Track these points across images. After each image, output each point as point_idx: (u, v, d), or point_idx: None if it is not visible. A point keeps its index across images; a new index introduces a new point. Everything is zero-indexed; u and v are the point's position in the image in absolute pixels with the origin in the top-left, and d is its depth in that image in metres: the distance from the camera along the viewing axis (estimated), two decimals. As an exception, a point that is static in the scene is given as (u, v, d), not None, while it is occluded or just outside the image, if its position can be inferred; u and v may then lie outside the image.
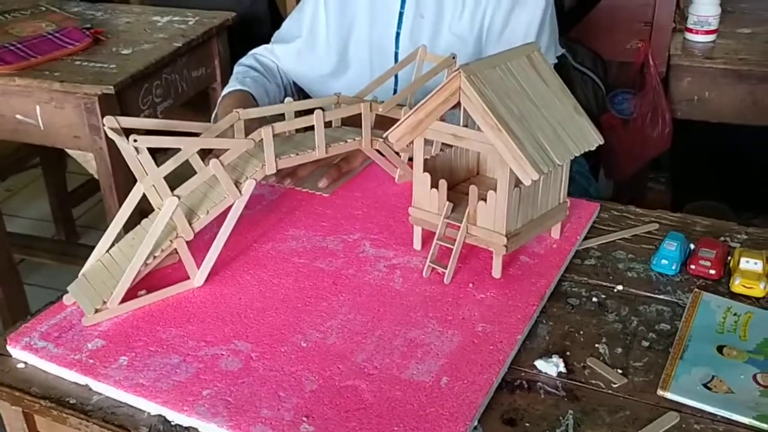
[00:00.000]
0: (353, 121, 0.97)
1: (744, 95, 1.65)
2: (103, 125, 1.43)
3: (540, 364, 0.76)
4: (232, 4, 2.18)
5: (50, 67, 1.57)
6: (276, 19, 2.34)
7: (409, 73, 1.07)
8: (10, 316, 1.78)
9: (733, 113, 1.66)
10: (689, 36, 1.71)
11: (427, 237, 0.90)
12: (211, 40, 1.83)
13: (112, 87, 1.49)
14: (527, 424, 0.69)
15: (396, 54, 1.27)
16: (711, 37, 1.70)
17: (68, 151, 1.68)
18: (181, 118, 2.11)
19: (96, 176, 1.62)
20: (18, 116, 1.58)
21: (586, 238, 0.96)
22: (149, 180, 0.82)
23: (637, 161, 1.61)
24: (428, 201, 0.88)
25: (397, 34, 1.25)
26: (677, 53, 1.67)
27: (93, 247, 2.38)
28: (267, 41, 2.34)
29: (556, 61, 1.31)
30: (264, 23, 2.28)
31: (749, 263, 0.86)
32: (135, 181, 1.62)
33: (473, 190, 0.83)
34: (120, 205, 1.63)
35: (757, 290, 0.85)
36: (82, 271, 0.85)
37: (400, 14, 1.24)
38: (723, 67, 1.63)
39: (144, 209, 0.88)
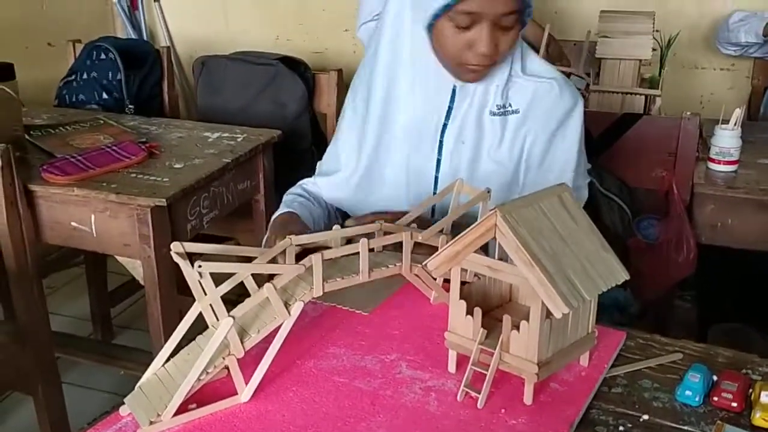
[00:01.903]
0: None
1: (765, 223, 1.71)
2: (154, 236, 1.53)
3: (569, 492, 0.79)
4: (277, 120, 2.33)
5: (107, 178, 1.69)
6: (317, 133, 2.48)
7: (446, 199, 1.15)
8: (48, 414, 1.83)
9: (755, 239, 1.71)
10: (712, 166, 1.79)
11: (462, 360, 0.95)
12: (257, 156, 1.95)
13: (164, 200, 1.59)
14: None
15: (436, 178, 1.34)
16: (732, 167, 1.78)
17: (116, 256, 1.78)
18: (224, 227, 2.21)
19: (142, 282, 1.70)
20: (73, 223, 1.68)
21: (613, 366, 1.01)
22: (207, 300, 0.89)
23: (663, 284, 1.66)
24: (463, 327, 0.94)
25: (438, 161, 1.33)
26: (701, 182, 1.75)
27: (128, 348, 2.45)
28: (307, 153, 2.48)
29: (589, 178, 1.39)
30: (305, 138, 2.42)
31: (770, 398, 0.90)
32: (178, 289, 1.71)
33: (507, 319, 0.89)
34: (162, 310, 1.73)
35: (779, 425, 0.88)
36: (138, 384, 0.91)
37: (440, 142, 1.32)
38: (744, 196, 1.70)
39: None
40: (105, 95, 2.36)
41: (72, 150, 1.82)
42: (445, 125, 1.30)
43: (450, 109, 1.30)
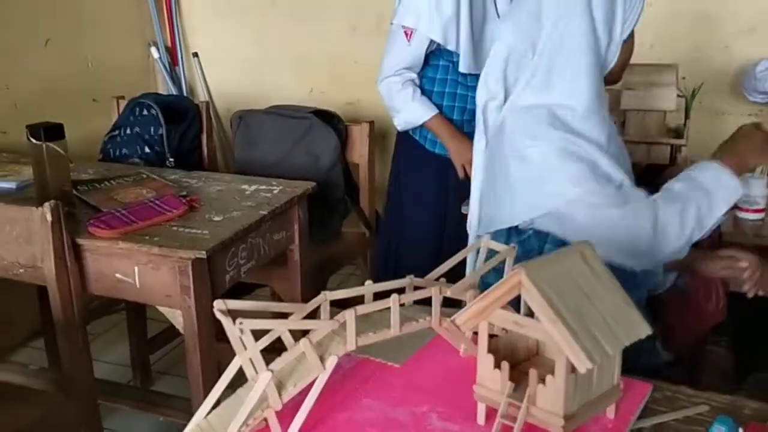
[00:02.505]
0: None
1: (795, 271, 1.71)
2: (194, 287, 1.59)
3: None
4: (311, 171, 2.40)
5: (150, 231, 1.76)
6: (349, 183, 2.55)
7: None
8: (89, 460, 1.88)
9: (786, 288, 1.71)
10: (739, 214, 1.81)
11: (491, 412, 0.99)
12: (292, 207, 2.01)
13: (204, 252, 1.66)
14: None
15: None
16: (760, 215, 1.80)
17: (158, 307, 1.84)
18: (260, 275, 2.27)
19: (182, 331, 1.76)
20: (118, 275, 1.76)
21: (639, 418, 1.03)
22: (247, 354, 0.94)
23: (694, 333, 1.67)
24: (492, 380, 0.97)
25: None
26: (728, 230, 1.76)
27: (166, 395, 2.49)
28: (340, 204, 2.54)
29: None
30: (338, 188, 2.49)
31: (796, 451, 0.91)
32: (216, 338, 1.76)
33: (533, 373, 0.92)
34: (201, 358, 1.78)
35: (805, 479, 0.89)
36: (183, 435, 0.96)
37: None
38: (773, 244, 1.71)
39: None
40: (147, 149, 2.46)
41: (116, 204, 1.90)
42: None
43: None
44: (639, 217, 1.37)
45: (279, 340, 1.00)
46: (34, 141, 1.83)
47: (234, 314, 0.94)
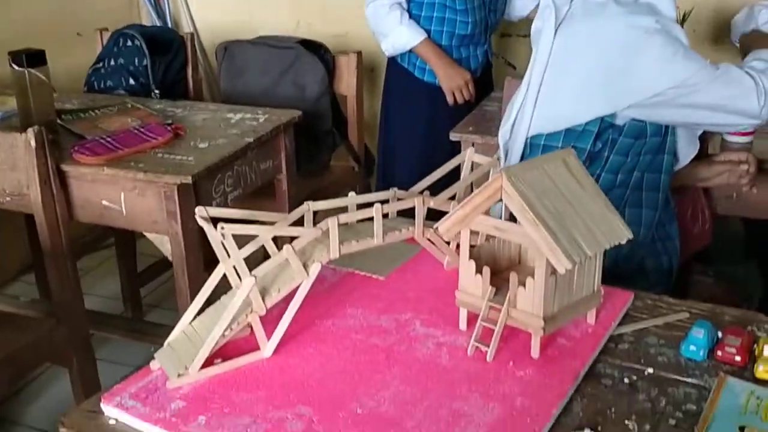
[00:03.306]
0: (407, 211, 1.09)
1: (781, 192, 1.72)
2: (180, 212, 1.58)
3: (573, 436, 0.83)
4: (298, 102, 2.38)
5: (135, 158, 1.74)
6: (337, 115, 2.53)
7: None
8: (82, 385, 1.91)
9: (771, 209, 1.73)
10: (727, 137, 1.80)
11: (472, 318, 1.00)
12: (278, 136, 1.99)
13: (189, 177, 1.65)
14: (560, 490, 0.77)
15: None
16: (748, 138, 1.79)
17: (145, 233, 1.85)
18: (248, 206, 2.28)
19: (169, 257, 1.76)
20: (104, 202, 1.75)
21: (620, 325, 1.04)
22: (231, 261, 0.94)
23: (681, 256, 1.68)
24: (473, 285, 0.98)
25: None
26: (716, 152, 1.76)
27: (157, 324, 2.52)
28: (328, 135, 2.52)
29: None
30: (326, 119, 2.47)
31: (772, 351, 0.93)
32: (204, 262, 1.77)
33: (513, 276, 0.93)
34: (189, 284, 1.79)
35: (779, 376, 0.91)
36: (167, 340, 0.97)
37: None
38: (760, 166, 1.71)
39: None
40: (132, 81, 2.42)
41: (101, 132, 1.89)
42: None
43: None
44: (734, 78, 1.42)
45: (262, 255, 1.00)
46: (16, 68, 1.80)
47: (217, 223, 0.94)
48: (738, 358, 0.95)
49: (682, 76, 1.37)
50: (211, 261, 1.01)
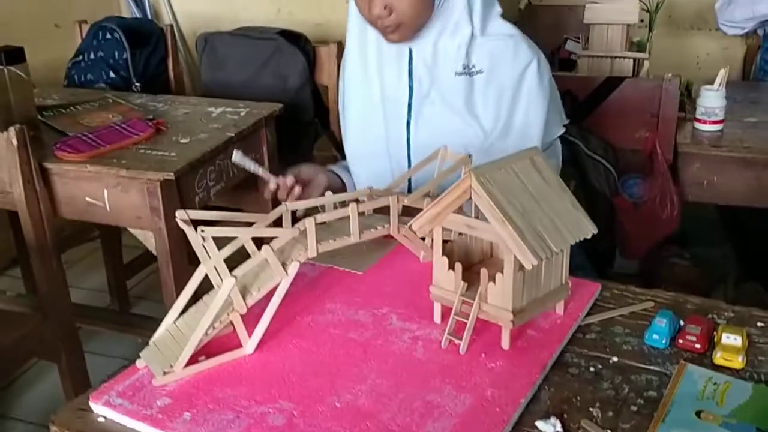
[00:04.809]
0: (383, 209, 1.13)
1: (750, 180, 1.77)
2: (163, 208, 1.61)
3: (540, 424, 0.88)
4: (279, 93, 2.40)
5: (117, 155, 1.77)
6: (319, 105, 2.55)
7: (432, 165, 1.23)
8: (71, 379, 1.94)
9: (740, 196, 1.78)
10: (698, 125, 1.86)
11: (446, 312, 1.04)
12: (260, 129, 2.02)
13: (172, 173, 1.68)
14: (526, 475, 0.81)
15: (408, 141, 1.41)
16: (718, 127, 1.84)
17: (129, 229, 1.87)
18: (231, 199, 2.30)
19: (154, 252, 1.79)
20: (88, 198, 1.77)
21: (588, 315, 1.09)
22: (211, 262, 0.97)
23: (648, 241, 1.74)
24: (446, 280, 1.02)
25: (408, 122, 1.40)
26: (686, 141, 1.81)
27: (144, 316, 2.56)
28: (310, 127, 2.54)
29: (564, 129, 1.47)
30: (308, 111, 2.49)
31: (730, 338, 0.98)
32: (188, 258, 1.80)
33: (484, 272, 0.97)
34: (175, 278, 1.82)
35: (736, 363, 0.96)
36: (152, 339, 1.00)
37: (409, 105, 1.39)
38: (728, 154, 1.76)
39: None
40: (112, 74, 2.44)
41: (83, 128, 1.91)
42: (411, 87, 1.37)
43: (410, 70, 1.36)
44: None
45: (241, 255, 1.04)
46: (-5, 65, 1.81)
47: (198, 225, 0.97)
48: (698, 346, 1.00)
49: None
50: (195, 255, 1.04)
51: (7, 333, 1.76)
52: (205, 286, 1.03)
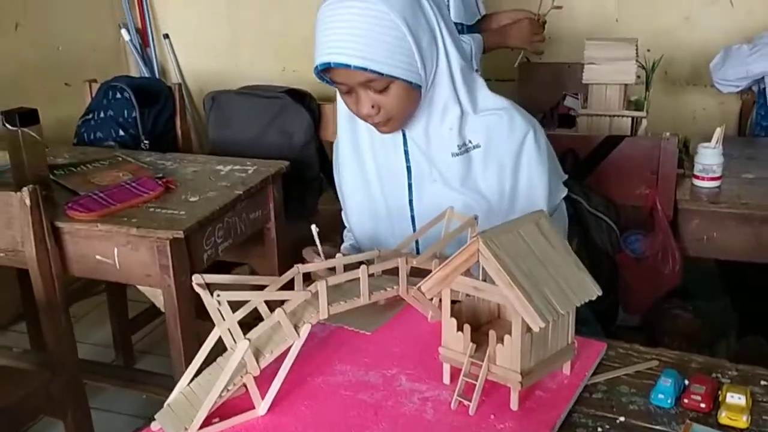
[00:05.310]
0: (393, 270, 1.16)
1: (749, 236, 1.80)
2: (173, 266, 1.63)
3: (550, 486, 0.89)
4: (285, 150, 2.45)
5: (128, 213, 1.80)
6: (324, 161, 2.59)
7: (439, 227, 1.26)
8: (77, 437, 1.94)
9: (740, 252, 1.81)
10: (696, 182, 1.90)
11: (455, 372, 1.06)
12: (267, 186, 2.06)
13: (181, 232, 1.71)
14: None
15: (412, 217, 1.44)
16: (716, 183, 1.88)
17: (138, 286, 1.89)
18: (238, 254, 2.32)
19: (163, 310, 1.81)
20: (98, 257, 1.80)
21: (594, 374, 1.11)
22: (225, 325, 1.00)
23: (651, 296, 1.76)
24: (455, 342, 1.04)
25: (410, 200, 1.43)
26: (685, 197, 1.85)
27: (149, 372, 2.55)
28: (315, 182, 2.58)
29: (566, 190, 1.50)
30: (313, 166, 2.54)
31: (734, 398, 1.00)
32: (196, 315, 1.82)
33: (492, 334, 1.00)
34: (182, 335, 1.83)
35: (741, 422, 0.98)
36: (167, 401, 1.02)
37: (410, 184, 1.42)
38: (727, 210, 1.79)
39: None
40: (122, 132, 2.49)
41: (94, 187, 1.94)
42: (409, 168, 1.41)
43: (406, 152, 1.39)
44: None
45: (256, 313, 1.06)
46: (9, 127, 1.86)
47: (212, 288, 1.00)
48: (703, 405, 1.02)
49: None
50: (202, 309, 1.06)
51: (14, 390, 1.77)
52: (219, 347, 1.06)
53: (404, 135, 1.39)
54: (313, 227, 1.21)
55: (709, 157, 1.87)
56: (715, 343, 2.26)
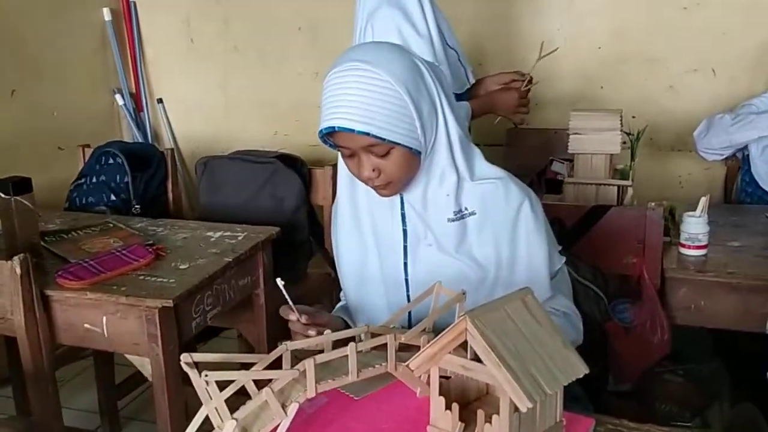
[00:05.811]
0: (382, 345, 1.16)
1: (737, 304, 1.81)
2: (161, 335, 1.62)
3: None
4: (276, 214, 2.47)
5: (118, 281, 1.80)
6: (314, 224, 2.61)
7: (427, 302, 1.27)
8: None
9: (728, 321, 1.82)
10: (682, 250, 1.92)
11: (444, 451, 1.05)
12: (257, 253, 2.06)
13: (170, 300, 1.71)
14: None
15: (406, 281, 1.45)
16: (702, 252, 1.90)
17: (126, 355, 1.88)
18: (226, 320, 2.30)
19: (150, 378, 1.79)
20: (86, 325, 1.79)
21: (583, 452, 1.10)
22: (213, 404, 0.99)
23: (641, 366, 1.76)
24: (443, 420, 1.04)
25: (405, 264, 1.44)
26: (672, 266, 1.86)
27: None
28: (305, 246, 2.59)
29: (564, 258, 1.51)
30: (303, 230, 2.56)
31: (723, 478, 0.99)
32: (183, 384, 1.80)
33: (480, 413, 1.00)
34: (169, 403, 1.81)
35: (731, 504, 0.97)
36: (152, 483, 1.01)
37: (405, 247, 1.43)
38: (714, 279, 1.81)
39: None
40: (113, 197, 2.51)
41: (84, 254, 1.94)
42: (405, 231, 1.43)
43: (403, 215, 1.42)
44: None
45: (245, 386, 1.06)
46: (2, 195, 1.87)
47: (200, 366, 0.99)
48: (692, 485, 1.01)
49: None
50: (187, 376, 1.05)
51: (-3, 461, 1.73)
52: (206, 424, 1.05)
53: (402, 199, 1.42)
54: (278, 280, 1.23)
55: (694, 226, 1.90)
56: (708, 407, 2.25)
